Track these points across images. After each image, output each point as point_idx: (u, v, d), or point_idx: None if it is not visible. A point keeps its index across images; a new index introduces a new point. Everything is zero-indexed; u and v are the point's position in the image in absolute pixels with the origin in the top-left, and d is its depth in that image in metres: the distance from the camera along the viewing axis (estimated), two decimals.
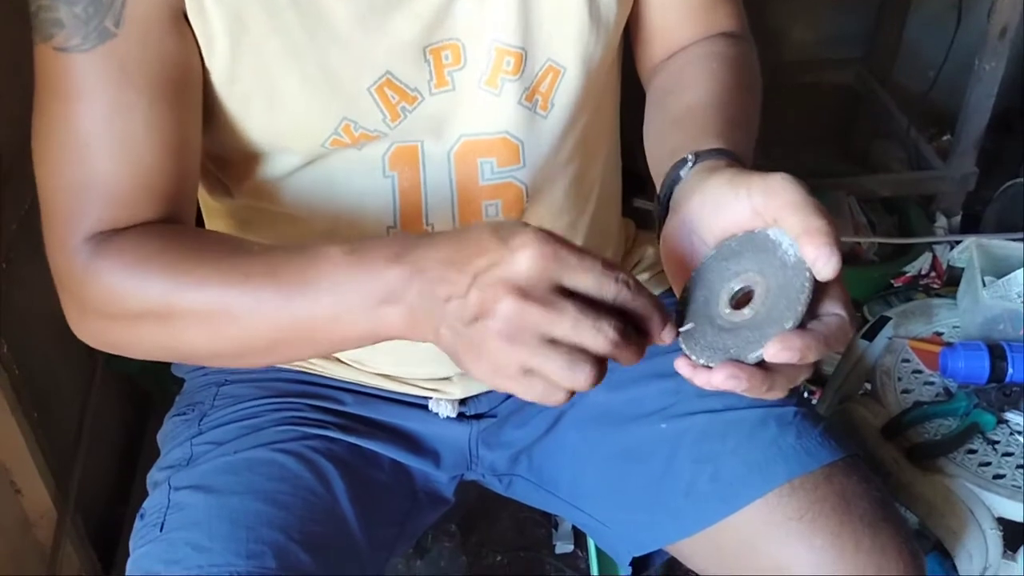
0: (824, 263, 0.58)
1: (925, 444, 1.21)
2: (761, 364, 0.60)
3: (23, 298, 1.22)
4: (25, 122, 0.74)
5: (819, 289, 0.60)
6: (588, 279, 0.58)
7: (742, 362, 0.60)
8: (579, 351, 0.58)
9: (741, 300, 0.63)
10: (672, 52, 0.90)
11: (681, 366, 0.62)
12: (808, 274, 0.59)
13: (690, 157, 0.71)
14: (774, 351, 0.58)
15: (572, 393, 0.59)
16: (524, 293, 0.57)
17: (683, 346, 0.64)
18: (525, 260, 0.57)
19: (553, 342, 0.58)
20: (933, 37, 2.09)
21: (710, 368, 0.61)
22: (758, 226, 0.63)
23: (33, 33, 0.72)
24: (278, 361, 0.80)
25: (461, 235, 0.61)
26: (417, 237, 0.64)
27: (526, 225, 0.59)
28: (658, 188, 0.74)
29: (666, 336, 0.60)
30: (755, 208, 0.62)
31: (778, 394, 0.61)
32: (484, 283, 0.58)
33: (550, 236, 0.58)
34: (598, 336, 0.57)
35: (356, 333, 0.66)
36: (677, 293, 0.68)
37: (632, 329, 0.60)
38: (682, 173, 0.70)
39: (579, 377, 0.58)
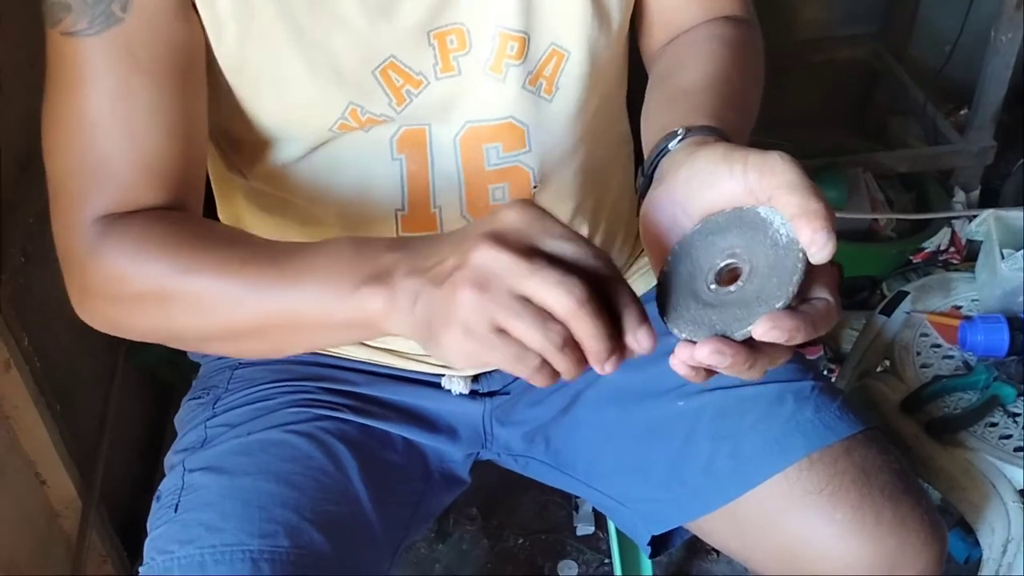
0: (820, 247, 0.57)
1: (945, 418, 1.21)
2: (747, 342, 0.59)
3: (43, 291, 1.23)
4: (40, 116, 0.75)
5: (808, 272, 0.59)
6: (567, 248, 0.57)
7: (728, 338, 0.59)
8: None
9: (727, 277, 0.62)
10: (674, 35, 0.89)
11: (675, 362, 0.60)
12: (801, 255, 0.58)
13: (680, 131, 0.70)
14: (764, 329, 0.57)
15: (548, 366, 0.58)
16: (500, 240, 0.57)
17: (664, 318, 0.63)
18: (510, 214, 0.58)
19: (525, 300, 0.56)
20: (948, 10, 2.07)
21: (693, 343, 0.59)
22: (749, 203, 0.62)
23: (44, 19, 0.73)
24: (272, 351, 0.79)
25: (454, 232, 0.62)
26: (416, 238, 0.65)
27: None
28: (645, 160, 0.73)
29: (643, 339, 0.58)
30: (749, 186, 0.61)
31: (756, 375, 0.60)
32: (465, 239, 0.58)
33: (541, 209, 0.59)
34: (566, 294, 0.55)
35: (337, 318, 0.65)
36: (652, 264, 0.67)
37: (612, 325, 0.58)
38: (670, 146, 0.69)
39: (551, 336, 0.56)
